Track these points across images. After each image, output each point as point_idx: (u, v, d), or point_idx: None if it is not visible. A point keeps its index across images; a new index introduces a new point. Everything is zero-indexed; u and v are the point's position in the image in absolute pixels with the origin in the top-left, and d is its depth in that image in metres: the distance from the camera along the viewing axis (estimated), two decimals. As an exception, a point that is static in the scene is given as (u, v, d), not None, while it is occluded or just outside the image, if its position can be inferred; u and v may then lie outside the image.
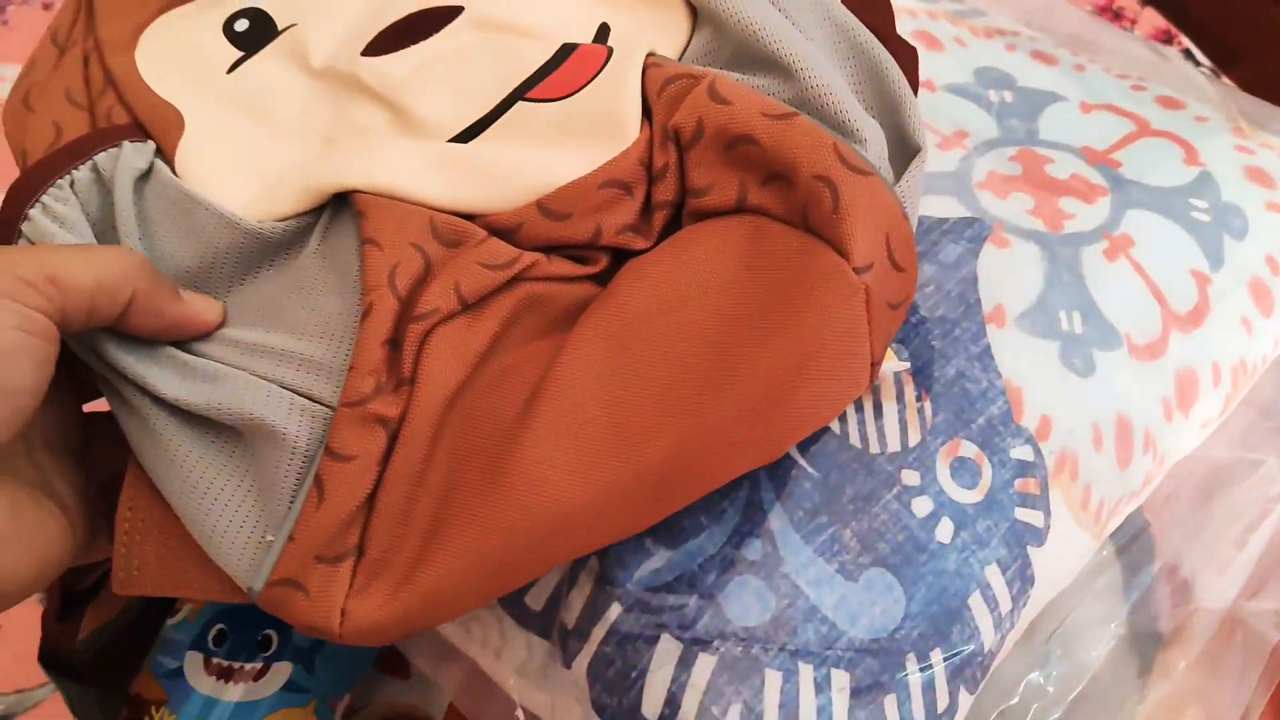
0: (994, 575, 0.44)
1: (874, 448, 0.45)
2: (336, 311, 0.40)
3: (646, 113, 0.42)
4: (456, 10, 0.47)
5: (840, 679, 0.41)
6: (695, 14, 0.46)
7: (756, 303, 0.38)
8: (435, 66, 0.45)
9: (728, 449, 0.38)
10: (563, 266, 0.42)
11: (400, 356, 0.39)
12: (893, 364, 0.45)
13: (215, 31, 0.50)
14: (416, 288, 0.40)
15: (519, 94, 0.44)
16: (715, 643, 0.41)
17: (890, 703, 0.42)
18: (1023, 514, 0.45)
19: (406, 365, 0.39)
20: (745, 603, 0.42)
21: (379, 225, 0.40)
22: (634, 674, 0.42)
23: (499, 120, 0.43)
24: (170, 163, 0.45)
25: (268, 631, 0.57)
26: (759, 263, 0.39)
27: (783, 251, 0.39)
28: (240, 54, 0.49)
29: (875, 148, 0.41)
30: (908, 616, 0.43)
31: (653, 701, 0.41)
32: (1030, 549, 0.45)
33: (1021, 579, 0.45)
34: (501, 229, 0.41)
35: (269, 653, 0.57)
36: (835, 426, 0.45)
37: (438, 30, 0.46)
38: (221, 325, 0.42)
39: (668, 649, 0.42)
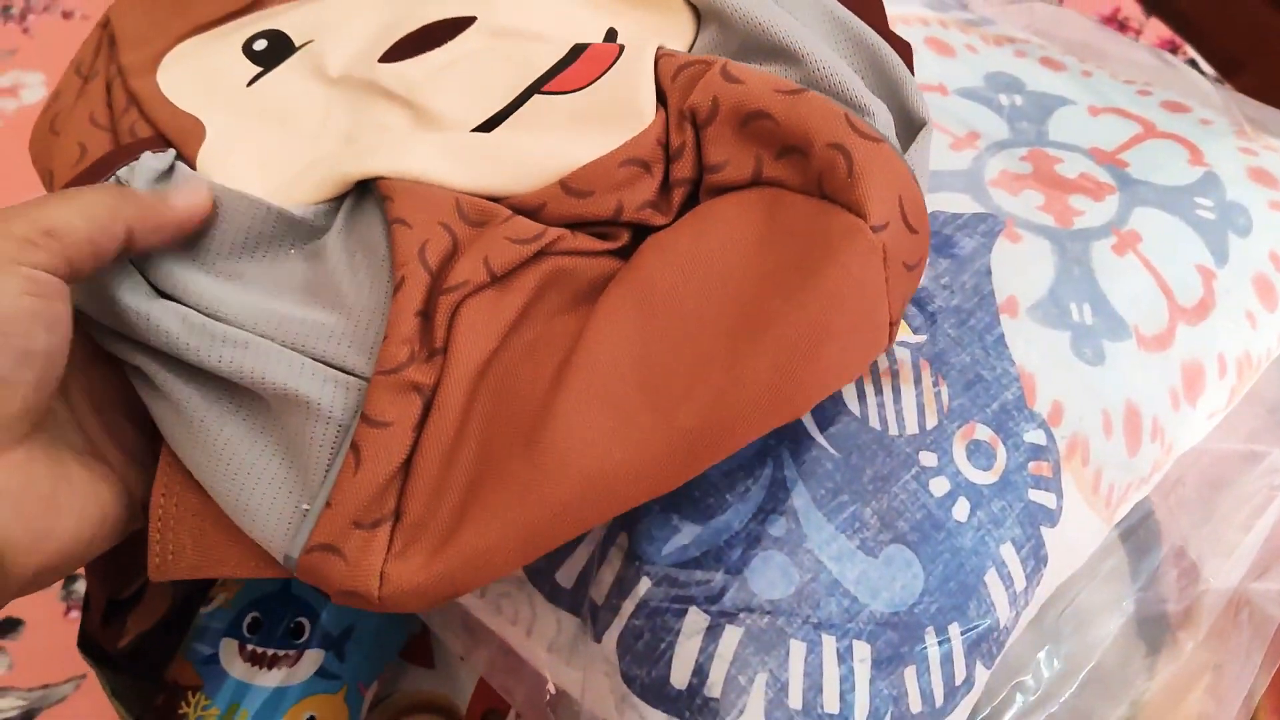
0: (1009, 553, 0.46)
1: (893, 430, 0.47)
2: (365, 287, 0.42)
3: (661, 99, 0.44)
4: (468, 20, 0.48)
5: (862, 650, 0.43)
6: (699, 17, 0.48)
7: (778, 264, 0.39)
8: (452, 68, 0.47)
9: (757, 405, 0.38)
10: (587, 242, 0.43)
11: (432, 327, 0.40)
12: (906, 334, 0.47)
13: (235, 52, 0.51)
14: (446, 262, 0.41)
15: (536, 87, 0.45)
16: (741, 615, 0.43)
17: (910, 674, 0.43)
18: (1036, 495, 0.47)
19: (439, 335, 0.40)
20: (770, 577, 0.43)
21: (407, 206, 0.42)
22: (663, 645, 0.43)
23: (517, 112, 0.45)
24: (192, 166, 0.47)
25: (300, 619, 0.59)
26: (778, 229, 0.40)
27: (800, 218, 0.40)
28: (259, 69, 0.50)
29: (882, 121, 0.42)
30: (926, 592, 0.44)
31: (681, 672, 0.43)
32: (1043, 529, 0.47)
33: (1035, 558, 0.46)
34: (526, 209, 0.43)
35: (301, 640, 0.58)
36: (855, 409, 0.47)
37: (451, 38, 0.48)
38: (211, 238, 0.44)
39: (695, 621, 0.43)
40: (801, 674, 0.42)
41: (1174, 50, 0.93)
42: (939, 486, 0.46)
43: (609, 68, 0.45)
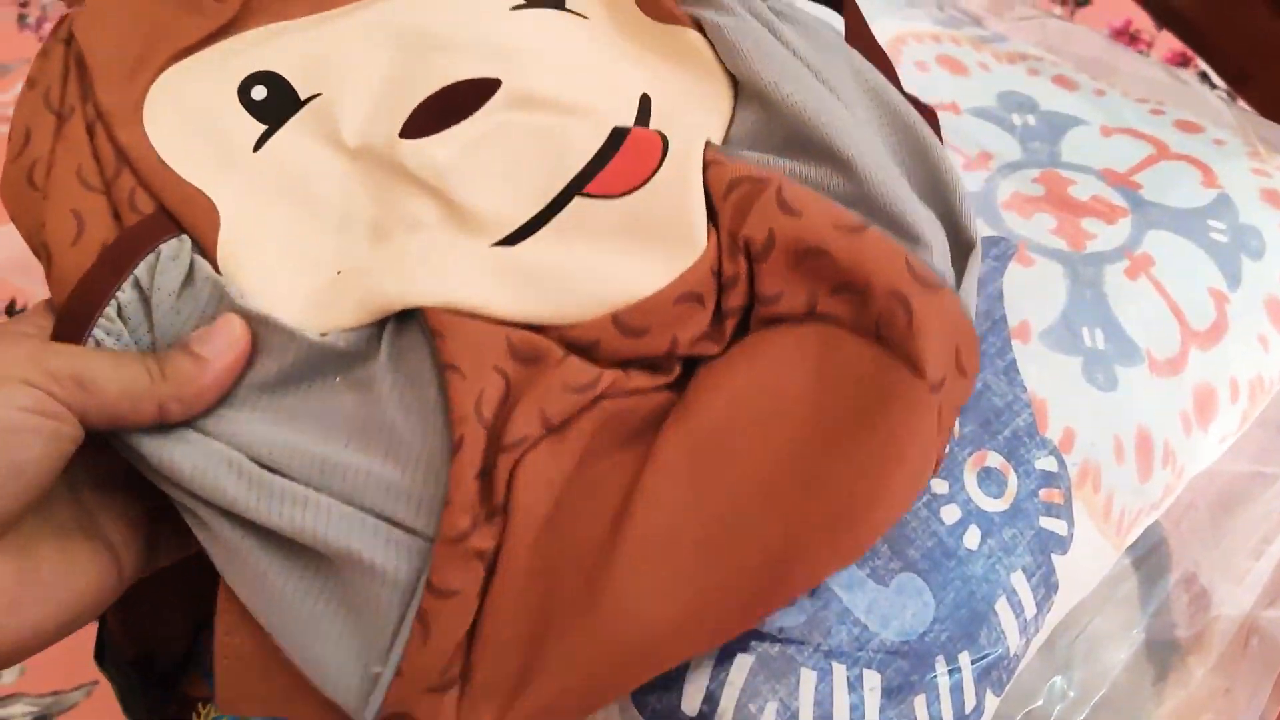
0: (1019, 581, 0.46)
1: (904, 457, 0.47)
2: (419, 435, 0.40)
3: (710, 213, 0.42)
4: (494, 84, 0.45)
5: (872, 679, 0.43)
6: (735, 82, 0.46)
7: (833, 412, 0.39)
8: (481, 151, 0.44)
9: (813, 559, 0.38)
10: (640, 380, 0.42)
11: (492, 486, 0.39)
12: None
13: (230, 98, 0.47)
14: (501, 413, 0.39)
15: (576, 187, 0.43)
16: (752, 643, 0.43)
17: (920, 703, 0.43)
18: (1047, 523, 0.47)
19: (499, 494, 0.39)
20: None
21: (458, 349, 0.40)
22: (674, 672, 0.43)
23: (558, 216, 0.43)
24: (211, 258, 0.44)
25: None
26: (832, 372, 0.40)
27: (857, 363, 0.39)
28: (263, 128, 0.46)
29: (939, 249, 0.41)
30: (937, 620, 0.44)
31: (692, 699, 0.43)
32: (1054, 556, 0.47)
33: (1046, 585, 0.46)
34: (578, 345, 0.41)
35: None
36: (867, 437, 0.47)
37: (477, 108, 0.45)
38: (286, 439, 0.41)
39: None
40: (812, 702, 0.42)
41: (1185, 63, 0.93)
42: (950, 514, 0.46)
43: (655, 171, 0.42)
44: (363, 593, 0.39)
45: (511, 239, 0.42)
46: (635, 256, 0.41)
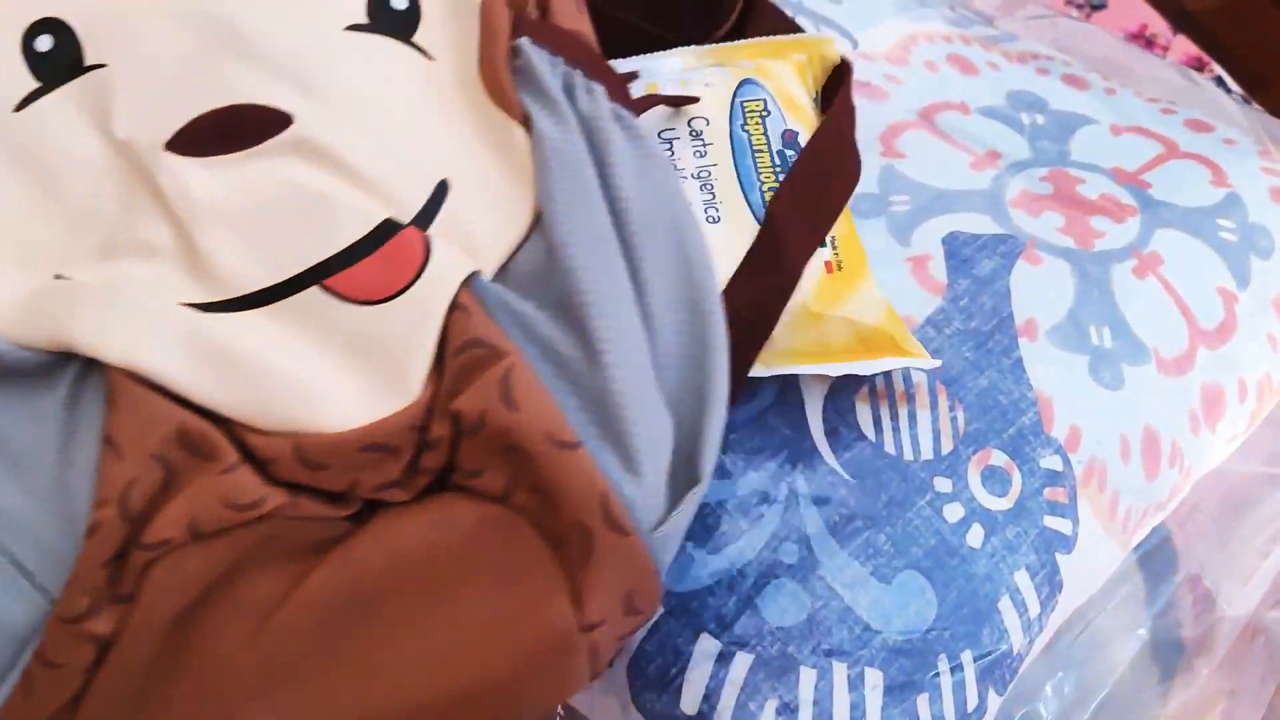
0: (1023, 580, 0.46)
1: (908, 455, 0.47)
2: (66, 492, 0.37)
3: (438, 358, 0.39)
4: (284, 120, 0.40)
5: (873, 677, 0.43)
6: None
7: (488, 617, 0.38)
8: (241, 199, 0.39)
9: None
10: (313, 508, 0.38)
11: (123, 574, 0.36)
12: (924, 360, 0.46)
13: (13, 43, 0.41)
14: (150, 505, 0.36)
15: (318, 275, 0.38)
16: (752, 642, 0.43)
17: (922, 701, 0.43)
18: (1051, 522, 0.47)
19: (127, 584, 0.36)
20: (781, 604, 0.43)
21: (124, 424, 0.36)
22: (673, 671, 0.43)
23: (288, 299, 0.39)
24: None
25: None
26: (505, 572, 0.38)
27: (530, 573, 0.38)
28: (36, 85, 0.41)
29: (650, 479, 0.39)
30: (939, 618, 0.44)
31: (691, 698, 0.43)
32: (1058, 556, 0.47)
33: (1050, 584, 0.46)
34: (256, 455, 0.37)
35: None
36: (871, 434, 0.47)
37: (257, 142, 0.40)
38: None
39: (706, 648, 0.43)
40: (811, 701, 0.42)
41: (1200, 67, 0.92)
42: (953, 513, 0.46)
43: (406, 288, 0.38)
44: None
45: (230, 305, 0.39)
46: (341, 379, 0.38)
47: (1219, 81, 0.91)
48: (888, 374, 0.48)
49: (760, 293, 0.45)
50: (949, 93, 0.63)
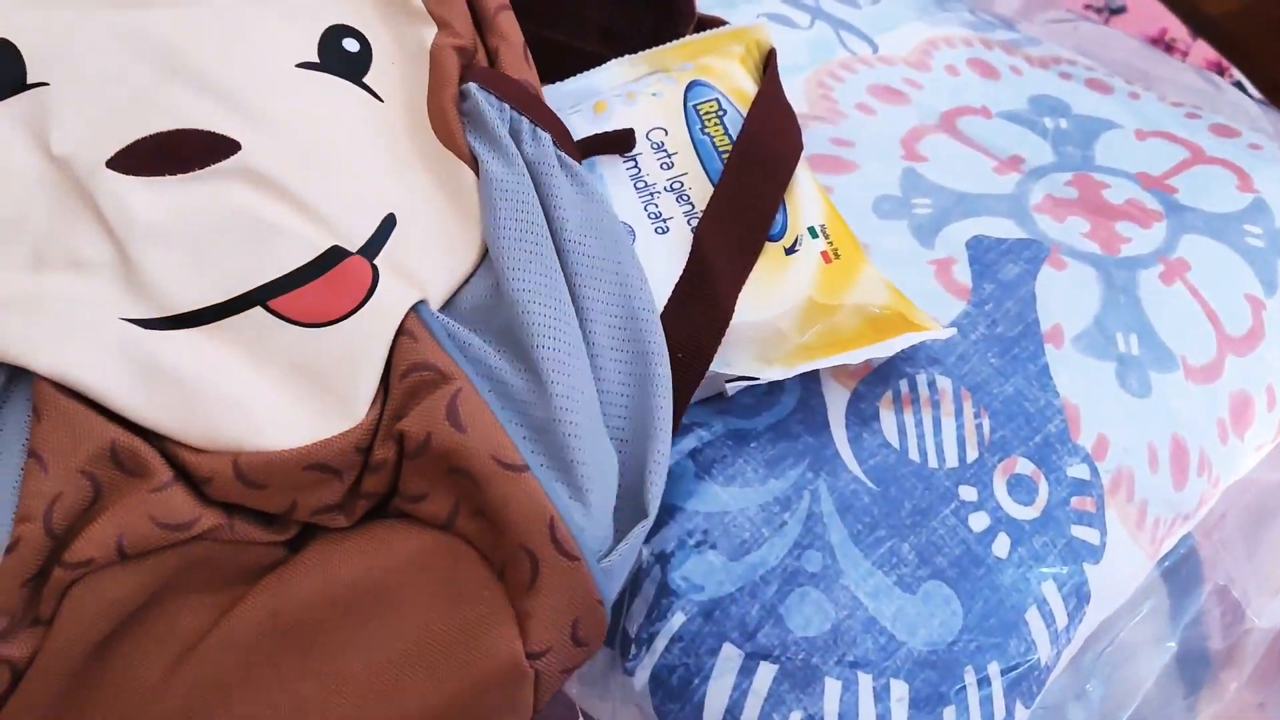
0: (1050, 591, 0.45)
1: (932, 463, 0.46)
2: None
3: (384, 382, 0.38)
4: (231, 146, 0.40)
5: (899, 689, 0.42)
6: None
7: (432, 645, 0.37)
8: (183, 220, 0.39)
9: None
10: (248, 531, 0.37)
11: (41, 596, 0.35)
12: (939, 331, 0.46)
13: None
14: (76, 522, 0.35)
15: (263, 296, 0.38)
16: (776, 652, 0.42)
17: (949, 714, 0.42)
18: (1079, 531, 0.46)
19: (46, 607, 0.35)
20: (805, 614, 0.42)
21: (51, 437, 0.35)
22: (696, 681, 0.42)
23: (230, 319, 0.38)
24: None
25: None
26: (449, 598, 0.38)
27: (473, 600, 0.37)
28: None
29: (598, 508, 0.39)
30: (965, 629, 0.43)
31: (714, 708, 0.42)
32: (1086, 566, 0.46)
33: (1078, 595, 0.45)
34: (191, 473, 0.36)
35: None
36: (895, 441, 0.46)
37: (202, 165, 0.39)
38: None
39: (730, 657, 0.42)
40: (836, 713, 0.41)
41: (1220, 72, 0.92)
42: (979, 522, 0.45)
43: (352, 312, 0.38)
44: None
45: (168, 322, 0.38)
46: (284, 400, 0.37)
47: (1238, 87, 0.90)
48: (912, 380, 0.48)
49: (695, 328, 0.45)
50: (970, 97, 0.62)
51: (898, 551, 0.44)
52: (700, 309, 0.45)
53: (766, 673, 0.42)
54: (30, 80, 0.41)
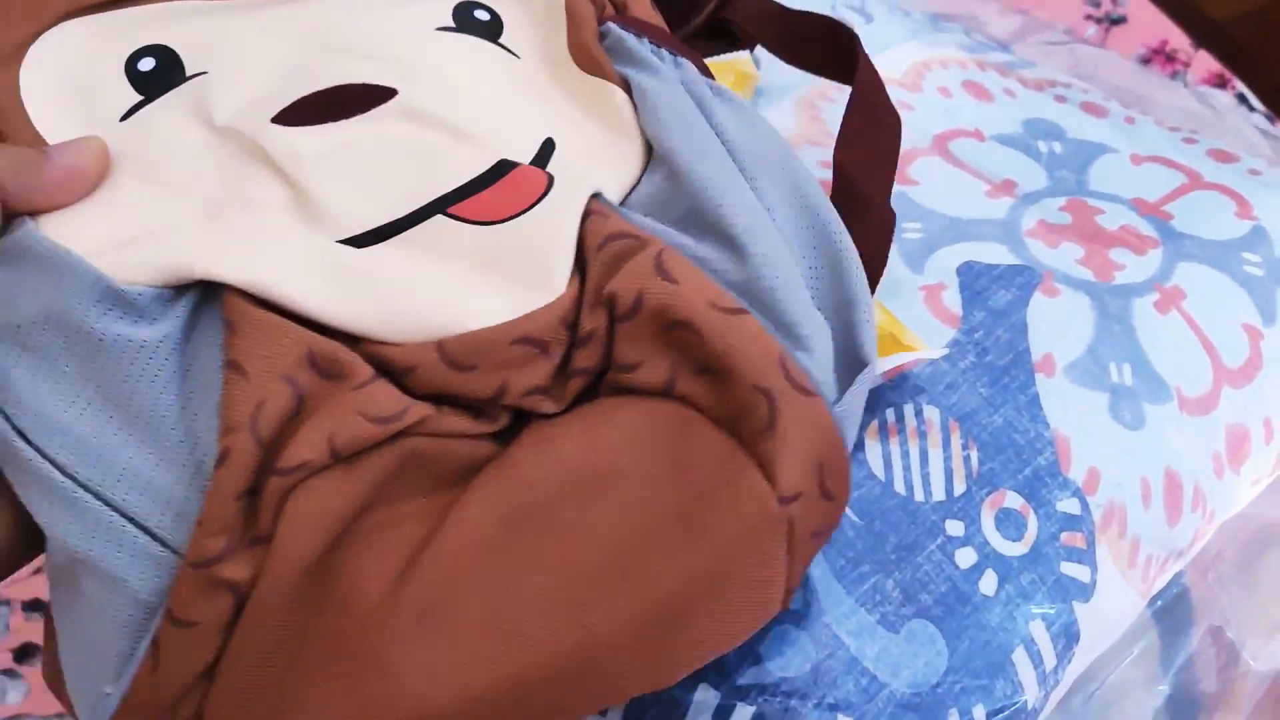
0: (1038, 630, 0.44)
1: (918, 496, 0.45)
2: (191, 434, 0.35)
3: (580, 264, 0.38)
4: (388, 93, 0.41)
5: (881, 732, 0.41)
6: (649, 149, 0.42)
7: (670, 514, 0.35)
8: (352, 151, 0.40)
9: (612, 670, 0.34)
10: (457, 422, 0.36)
11: (258, 510, 0.34)
12: (929, 351, 0.45)
13: (116, 65, 0.42)
14: (283, 430, 0.34)
15: (442, 205, 0.38)
16: (754, 693, 0.41)
17: (931, 758, 0.41)
18: (1068, 568, 0.45)
19: (264, 522, 0.34)
20: (785, 653, 0.41)
21: (247, 345, 0.34)
22: (670, 723, 0.41)
23: (415, 229, 0.38)
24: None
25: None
26: (679, 464, 0.35)
27: (707, 459, 0.35)
28: (139, 99, 0.42)
29: (820, 356, 0.37)
30: (950, 670, 0.42)
31: (689, 752, 0.41)
32: (1076, 604, 0.45)
33: (1067, 635, 0.44)
34: (392, 367, 0.36)
35: None
36: (880, 473, 0.45)
37: (364, 110, 0.41)
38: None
39: (705, 700, 0.41)
40: (816, 757, 0.40)
41: (1223, 84, 0.91)
42: (965, 558, 0.44)
43: (533, 205, 0.38)
44: (100, 603, 0.34)
45: (357, 241, 0.38)
46: (482, 288, 0.37)
47: (1241, 99, 0.89)
48: (899, 409, 0.46)
49: (864, 237, 0.43)
50: (963, 119, 0.61)
51: (881, 588, 0.43)
52: (863, 219, 0.43)
53: (744, 715, 0.40)
54: (190, 73, 0.42)
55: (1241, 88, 0.91)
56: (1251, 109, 0.88)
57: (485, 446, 0.37)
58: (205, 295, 0.36)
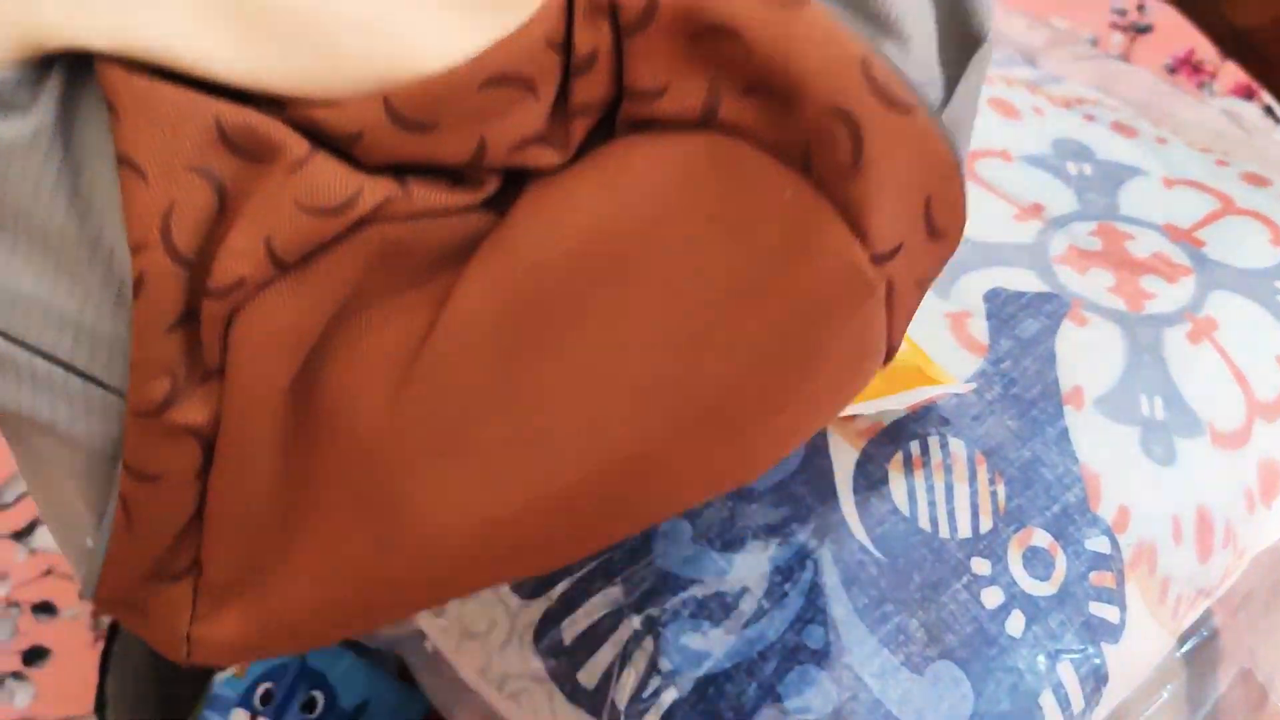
0: (1066, 672, 0.42)
1: (944, 532, 0.43)
2: (99, 248, 0.28)
3: None
4: None
5: (903, 778, 0.40)
6: None
7: (726, 283, 0.28)
8: None
9: (675, 472, 0.29)
10: (431, 195, 0.28)
11: (199, 343, 0.28)
12: (954, 385, 0.44)
13: None
14: (208, 238, 0.27)
15: None
16: (773, 734, 0.40)
17: (955, 805, 0.40)
18: (1097, 609, 0.44)
19: (211, 352, 0.28)
20: (806, 694, 0.40)
21: (140, 134, 0.26)
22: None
23: None
24: None
25: (314, 693, 0.57)
26: (731, 218, 0.28)
27: (769, 209, 0.28)
28: None
29: (919, 44, 0.29)
30: (975, 714, 0.41)
31: (705, 794, 0.40)
32: (1105, 646, 0.44)
33: (1095, 677, 0.43)
34: (332, 134, 0.27)
35: (314, 715, 0.57)
36: (905, 508, 0.44)
37: None
38: None
39: (723, 739, 0.40)
40: (836, 804, 0.39)
41: (1250, 95, 0.90)
42: (992, 597, 0.42)
43: None
44: (52, 457, 0.30)
45: None
46: (432, 11, 0.27)
47: (1268, 112, 0.88)
48: (924, 441, 0.45)
49: None
50: (990, 139, 0.60)
51: (905, 628, 0.42)
52: None
53: (762, 759, 0.39)
54: None
55: (1269, 100, 0.89)
56: (1278, 121, 0.86)
57: (478, 217, 0.30)
58: (78, 67, 0.28)
